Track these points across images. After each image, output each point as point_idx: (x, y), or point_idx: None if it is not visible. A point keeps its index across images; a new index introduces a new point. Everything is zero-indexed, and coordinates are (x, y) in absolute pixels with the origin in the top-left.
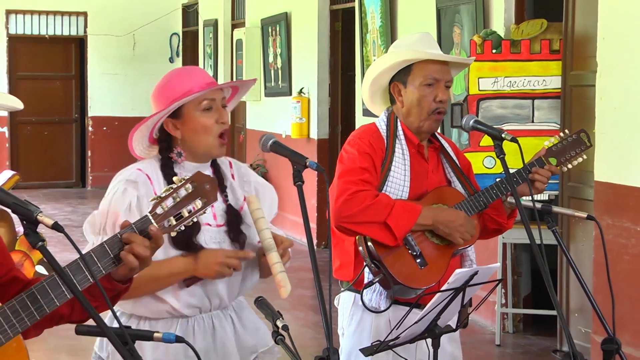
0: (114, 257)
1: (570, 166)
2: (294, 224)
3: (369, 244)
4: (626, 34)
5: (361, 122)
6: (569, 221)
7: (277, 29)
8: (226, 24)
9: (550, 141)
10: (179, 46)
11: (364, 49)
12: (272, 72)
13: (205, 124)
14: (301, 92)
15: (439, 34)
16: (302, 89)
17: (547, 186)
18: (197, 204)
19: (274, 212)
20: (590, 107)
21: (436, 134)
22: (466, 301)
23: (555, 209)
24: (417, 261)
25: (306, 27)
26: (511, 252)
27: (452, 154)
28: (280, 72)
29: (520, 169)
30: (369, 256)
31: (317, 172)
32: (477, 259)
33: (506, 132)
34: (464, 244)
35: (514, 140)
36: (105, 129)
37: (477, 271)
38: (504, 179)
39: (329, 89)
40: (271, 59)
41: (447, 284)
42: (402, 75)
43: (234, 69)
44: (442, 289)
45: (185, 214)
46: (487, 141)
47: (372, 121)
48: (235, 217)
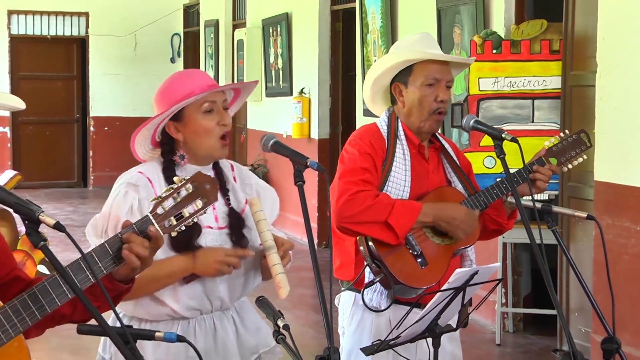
0: (114, 256)
1: (570, 166)
2: (294, 224)
3: (370, 243)
4: (626, 34)
5: (362, 122)
6: (569, 221)
7: (278, 30)
8: (227, 24)
9: (550, 141)
10: (180, 46)
11: (365, 49)
12: (273, 72)
13: (206, 126)
14: (302, 92)
15: (440, 34)
16: (303, 89)
17: (547, 186)
18: (198, 204)
19: (275, 215)
20: (590, 107)
21: (437, 134)
22: (466, 301)
23: (555, 209)
24: (418, 261)
25: (307, 28)
26: (511, 251)
27: (452, 154)
28: (281, 72)
29: (520, 169)
30: (369, 256)
31: (318, 172)
32: (478, 259)
33: (506, 132)
34: (465, 242)
35: (514, 140)
36: (106, 129)
37: (478, 271)
38: (505, 179)
39: (330, 89)
40: (272, 59)
41: (448, 283)
42: (403, 75)
43: (235, 70)
44: (442, 288)
45: (185, 214)
46: (487, 141)
47: (372, 121)
48: (237, 220)
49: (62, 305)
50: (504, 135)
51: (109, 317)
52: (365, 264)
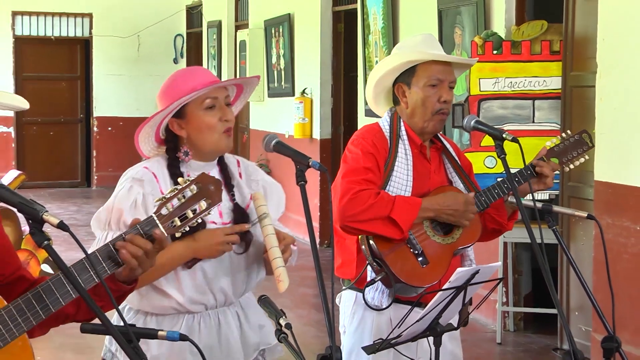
0: (117, 257)
1: (572, 166)
2: (296, 223)
3: (371, 242)
4: (626, 34)
5: (363, 122)
6: (569, 220)
7: (280, 30)
8: (230, 25)
9: (552, 142)
10: (183, 47)
11: (366, 50)
12: (275, 72)
13: (209, 122)
14: (304, 92)
15: (441, 35)
16: (305, 89)
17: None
18: (202, 204)
19: (281, 211)
20: (590, 108)
21: (438, 135)
22: (467, 300)
23: (555, 209)
24: (419, 260)
25: (309, 29)
26: (512, 251)
27: (453, 154)
28: (283, 72)
29: (521, 169)
30: (371, 255)
31: (320, 171)
32: (478, 258)
33: (507, 132)
34: (466, 241)
35: (514, 140)
36: (110, 129)
37: (479, 270)
38: (506, 179)
39: (332, 89)
40: (274, 60)
41: (449, 282)
42: (406, 76)
43: (238, 70)
44: (443, 287)
45: (189, 214)
46: (488, 141)
47: (374, 121)
48: (241, 216)
49: (66, 304)
50: (504, 135)
51: (112, 316)
52: (366, 262)
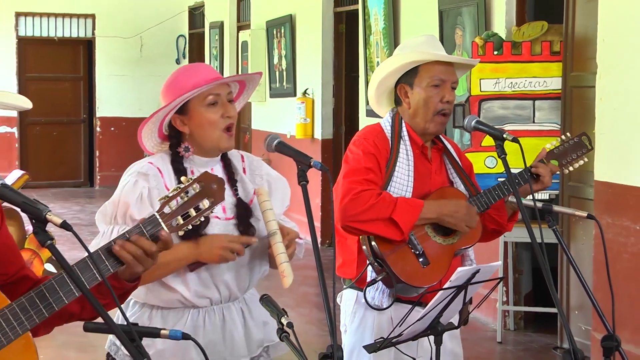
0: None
1: (571, 169)
2: (298, 223)
3: (373, 243)
4: (626, 35)
5: (365, 122)
6: (570, 220)
7: (282, 31)
8: (232, 26)
9: (552, 144)
10: (185, 48)
11: (368, 50)
12: (277, 73)
13: (210, 118)
14: (305, 93)
15: (441, 35)
16: (307, 90)
17: (550, 182)
18: (205, 203)
19: (286, 205)
20: (590, 108)
21: (439, 135)
22: (468, 299)
23: (555, 208)
24: (420, 260)
25: (310, 29)
26: (512, 250)
27: (454, 154)
28: (285, 73)
29: (522, 171)
30: (372, 255)
31: (321, 171)
32: (479, 258)
33: (507, 133)
34: (467, 241)
35: (515, 140)
36: (112, 129)
37: (479, 269)
38: (506, 180)
39: (333, 89)
40: (276, 61)
41: (450, 282)
42: (408, 77)
43: (240, 70)
44: (444, 287)
45: (192, 213)
46: (488, 141)
47: (375, 121)
48: (244, 211)
49: (70, 303)
50: (505, 135)
51: (115, 314)
52: (367, 262)
